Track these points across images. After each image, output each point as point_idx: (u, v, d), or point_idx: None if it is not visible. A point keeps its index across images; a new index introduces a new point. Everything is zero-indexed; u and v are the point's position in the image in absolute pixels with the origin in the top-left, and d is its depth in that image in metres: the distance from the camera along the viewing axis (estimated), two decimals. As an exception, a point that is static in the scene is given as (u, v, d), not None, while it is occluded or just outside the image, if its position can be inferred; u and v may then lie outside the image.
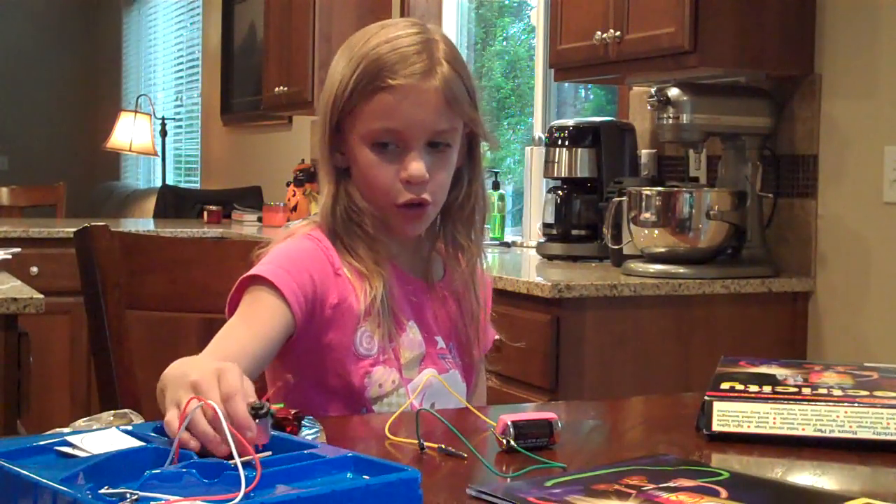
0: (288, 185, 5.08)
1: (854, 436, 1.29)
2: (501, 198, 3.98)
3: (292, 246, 1.56)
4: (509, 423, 1.24)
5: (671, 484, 1.06)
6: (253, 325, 1.47)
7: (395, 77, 1.50)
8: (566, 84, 3.95)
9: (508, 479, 1.12)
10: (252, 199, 5.61)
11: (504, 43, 4.78)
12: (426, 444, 1.23)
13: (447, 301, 1.64)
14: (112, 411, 1.17)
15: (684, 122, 2.80)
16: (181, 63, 7.78)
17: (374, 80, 1.50)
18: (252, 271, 1.51)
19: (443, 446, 1.22)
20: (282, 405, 1.19)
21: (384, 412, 1.51)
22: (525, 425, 1.24)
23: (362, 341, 1.53)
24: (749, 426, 1.31)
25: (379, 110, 1.51)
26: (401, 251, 1.61)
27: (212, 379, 1.10)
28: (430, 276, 1.64)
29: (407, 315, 1.58)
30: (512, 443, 1.23)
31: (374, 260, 1.55)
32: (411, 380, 1.56)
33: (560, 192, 3.28)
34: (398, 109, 1.51)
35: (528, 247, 3.77)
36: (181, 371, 1.16)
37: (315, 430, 1.18)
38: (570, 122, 3.34)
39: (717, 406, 1.33)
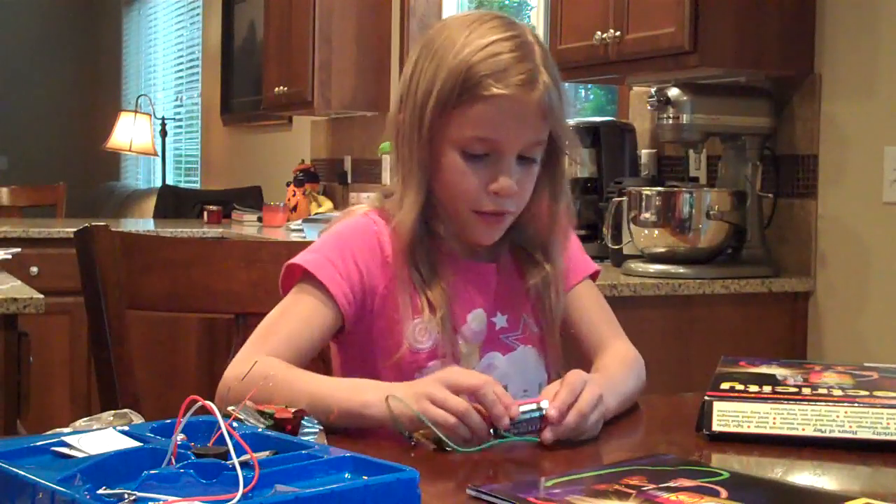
0: (288, 185, 5.08)
1: (854, 436, 1.29)
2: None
3: (343, 229, 1.52)
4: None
5: (671, 484, 1.06)
6: (295, 318, 1.45)
7: (497, 86, 1.43)
8: (566, 84, 3.94)
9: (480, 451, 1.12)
10: (252, 199, 5.61)
11: (504, 43, 4.76)
12: (414, 434, 1.24)
13: (513, 274, 1.57)
14: (112, 411, 1.17)
15: (684, 122, 2.80)
16: (181, 63, 7.78)
17: (475, 87, 1.43)
18: (299, 258, 1.48)
19: (424, 435, 1.24)
20: (283, 405, 1.19)
21: None
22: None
23: (416, 335, 1.48)
24: (749, 426, 1.31)
25: (477, 119, 1.44)
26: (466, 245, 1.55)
27: (455, 372, 1.29)
28: (496, 255, 1.57)
29: (471, 304, 1.52)
30: (501, 432, 1.24)
31: (433, 260, 1.49)
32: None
33: (560, 192, 3.27)
34: (497, 120, 1.44)
35: (528, 247, 3.76)
36: (389, 389, 1.28)
37: (315, 429, 1.18)
38: (570, 122, 3.33)
39: (717, 406, 1.33)
